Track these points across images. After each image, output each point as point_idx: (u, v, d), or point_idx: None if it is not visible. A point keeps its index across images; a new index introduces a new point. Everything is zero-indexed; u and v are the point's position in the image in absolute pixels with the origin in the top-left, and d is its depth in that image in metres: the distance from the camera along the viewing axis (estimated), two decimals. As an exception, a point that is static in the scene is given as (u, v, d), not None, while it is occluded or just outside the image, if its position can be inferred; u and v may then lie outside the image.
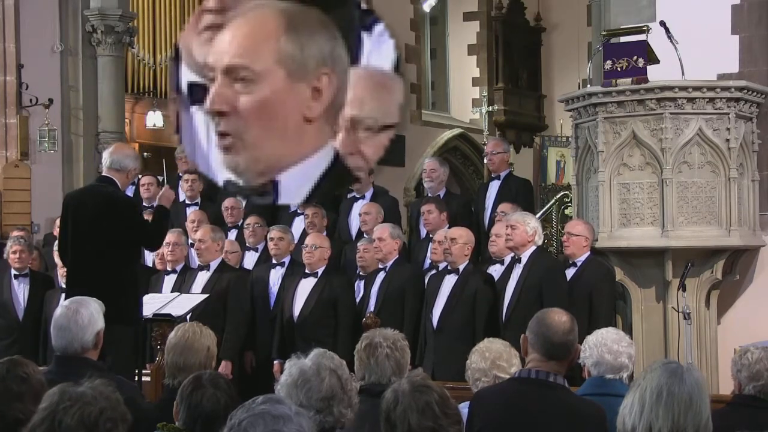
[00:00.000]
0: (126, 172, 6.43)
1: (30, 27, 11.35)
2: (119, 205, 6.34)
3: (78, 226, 6.32)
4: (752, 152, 7.26)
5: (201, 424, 3.53)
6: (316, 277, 7.61)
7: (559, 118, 18.84)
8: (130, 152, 6.69)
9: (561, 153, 18.69)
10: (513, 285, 6.88)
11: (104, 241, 6.19)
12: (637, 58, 6.98)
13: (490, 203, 8.41)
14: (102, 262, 6.17)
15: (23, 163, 11.25)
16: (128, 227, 6.26)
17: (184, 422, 3.56)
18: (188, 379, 3.67)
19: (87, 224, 6.26)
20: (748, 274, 7.54)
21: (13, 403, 3.50)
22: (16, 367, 3.62)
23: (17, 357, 3.77)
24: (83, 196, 6.60)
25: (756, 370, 4.34)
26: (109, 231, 6.19)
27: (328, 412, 3.25)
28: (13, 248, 8.23)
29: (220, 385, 3.62)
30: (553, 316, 3.96)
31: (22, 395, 3.49)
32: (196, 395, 3.55)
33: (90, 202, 6.36)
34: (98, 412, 2.68)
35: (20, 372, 3.59)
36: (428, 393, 3.13)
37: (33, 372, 3.62)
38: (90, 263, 6.21)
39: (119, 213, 6.27)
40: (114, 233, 6.19)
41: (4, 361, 3.71)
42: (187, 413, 3.55)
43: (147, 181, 9.58)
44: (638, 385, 2.77)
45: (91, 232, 6.24)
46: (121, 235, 6.21)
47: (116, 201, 6.33)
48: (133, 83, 15.93)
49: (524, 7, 19.83)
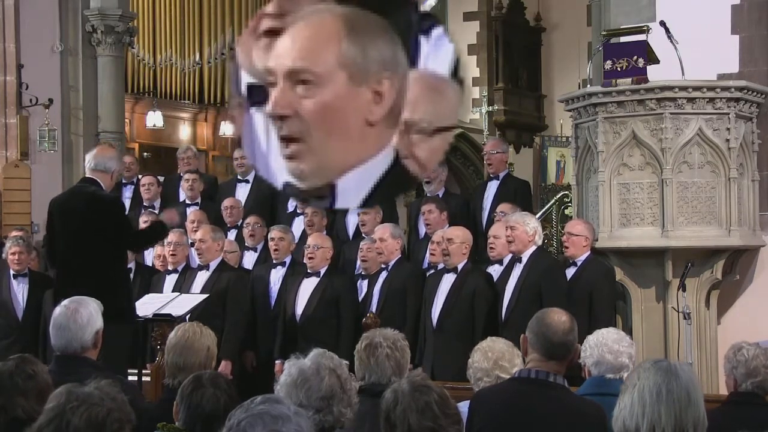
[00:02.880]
0: (109, 173, 6.58)
1: (30, 27, 11.34)
2: (104, 201, 6.47)
3: (65, 227, 6.42)
4: (752, 152, 7.26)
5: (201, 424, 3.53)
6: (318, 277, 7.62)
7: (559, 118, 18.85)
8: (112, 154, 6.84)
9: (561, 153, 18.70)
10: (512, 284, 6.88)
11: (93, 240, 6.28)
12: (637, 58, 6.97)
13: (488, 203, 8.40)
14: (92, 261, 6.24)
15: (23, 163, 11.25)
16: (114, 223, 6.38)
17: (184, 422, 3.56)
18: (188, 379, 3.68)
19: (74, 224, 6.36)
20: (748, 274, 7.54)
21: (16, 398, 3.55)
22: (25, 364, 3.69)
23: (27, 355, 3.85)
24: (68, 198, 6.72)
25: (753, 367, 4.35)
26: (97, 229, 6.29)
27: (328, 412, 3.25)
28: (12, 249, 8.22)
29: (220, 384, 3.63)
30: (552, 316, 3.96)
31: (26, 392, 3.52)
32: (196, 395, 3.56)
33: (75, 203, 6.48)
34: (106, 413, 2.70)
35: (28, 369, 3.65)
36: (428, 393, 3.13)
37: (40, 371, 3.68)
38: (80, 263, 6.29)
39: (105, 210, 6.39)
40: (101, 230, 6.29)
41: (14, 357, 3.78)
42: (187, 413, 3.55)
43: (147, 181, 9.58)
44: (633, 385, 2.77)
45: (79, 231, 6.34)
46: (108, 233, 6.32)
47: (101, 198, 6.45)
48: (133, 83, 15.94)
49: (524, 7, 19.84)
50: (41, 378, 3.60)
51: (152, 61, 16.45)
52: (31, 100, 11.27)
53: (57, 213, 6.55)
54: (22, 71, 11.31)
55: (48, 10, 11.59)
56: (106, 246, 6.32)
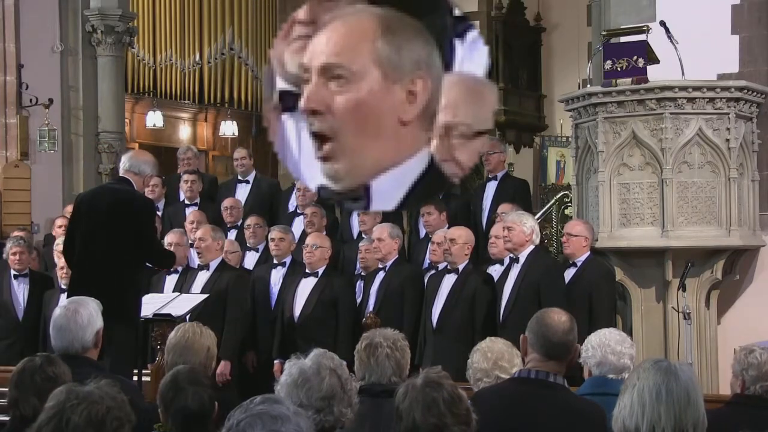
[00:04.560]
0: (143, 177, 6.61)
1: (30, 27, 11.35)
2: (139, 201, 6.49)
3: (91, 222, 6.38)
4: (752, 152, 7.26)
5: (192, 424, 3.53)
6: (316, 277, 7.61)
7: (559, 118, 18.82)
8: (149, 159, 6.84)
9: (561, 153, 18.68)
10: (511, 285, 6.88)
11: (116, 239, 6.24)
12: (637, 58, 6.97)
13: (488, 204, 8.41)
14: (110, 259, 6.21)
15: (23, 163, 11.26)
16: (141, 225, 6.36)
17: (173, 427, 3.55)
18: (164, 383, 3.62)
19: (101, 220, 6.32)
20: (748, 274, 7.54)
21: (31, 397, 3.58)
22: (50, 365, 3.75)
23: (54, 356, 3.91)
24: (98, 194, 6.70)
25: (765, 370, 4.33)
26: (124, 228, 6.25)
27: (329, 412, 3.24)
28: (12, 249, 8.23)
29: (198, 380, 3.60)
30: (552, 316, 3.96)
31: (42, 393, 3.52)
32: (179, 399, 3.53)
33: (106, 199, 6.46)
34: (105, 411, 2.71)
35: (50, 371, 3.71)
36: (438, 390, 3.13)
37: (61, 374, 3.72)
38: (99, 260, 6.25)
39: (136, 209, 6.39)
40: (127, 230, 6.26)
41: (42, 355, 3.85)
42: (173, 421, 3.53)
43: (152, 182, 9.55)
44: (633, 385, 2.77)
45: (104, 229, 6.29)
46: (132, 232, 6.28)
47: (134, 198, 6.46)
48: (133, 83, 15.94)
49: (524, 7, 19.81)
50: (60, 382, 3.57)
51: (152, 61, 16.45)
52: (31, 100, 11.28)
53: (84, 209, 6.48)
54: (22, 71, 11.31)
55: (48, 10, 11.60)
56: (127, 247, 6.26)
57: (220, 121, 17.32)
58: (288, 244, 8.00)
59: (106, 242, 6.26)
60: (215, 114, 17.43)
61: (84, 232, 6.41)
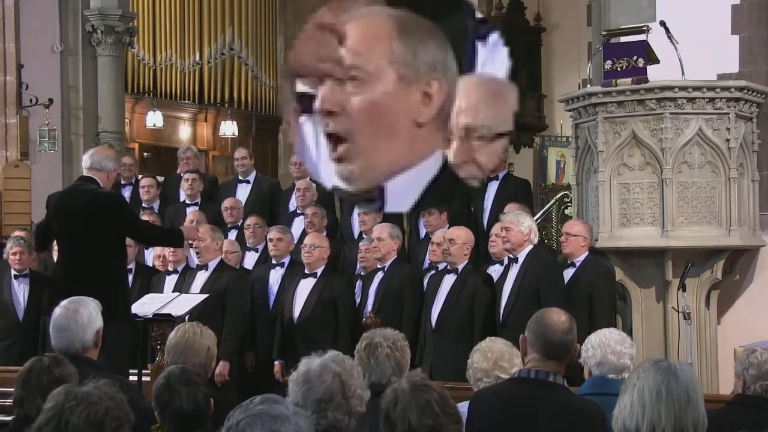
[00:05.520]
0: (106, 172, 6.60)
1: (30, 27, 11.36)
2: (105, 198, 6.50)
3: (65, 226, 6.43)
4: (752, 152, 7.26)
5: (190, 424, 3.52)
6: (315, 278, 7.60)
7: (559, 118, 18.83)
8: (110, 154, 6.90)
9: (561, 153, 18.68)
10: (510, 285, 6.87)
11: (93, 237, 6.30)
12: (637, 58, 6.97)
13: (489, 204, 8.40)
14: (92, 259, 6.27)
15: (23, 163, 11.26)
16: (119, 217, 6.42)
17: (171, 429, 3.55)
18: (158, 385, 3.61)
19: (74, 223, 6.37)
20: (748, 274, 7.54)
21: (36, 398, 3.58)
22: (57, 366, 3.74)
23: (62, 357, 3.88)
24: (66, 196, 6.72)
25: (765, 370, 4.34)
26: (98, 226, 6.31)
27: (322, 416, 3.18)
28: (12, 249, 8.22)
29: (191, 380, 3.59)
30: (552, 316, 3.96)
31: (46, 395, 3.51)
32: (174, 400, 3.52)
33: (75, 201, 6.49)
34: (104, 412, 2.71)
35: (56, 373, 3.70)
36: (428, 392, 3.13)
37: (68, 376, 3.71)
38: (80, 261, 6.31)
39: (107, 206, 6.42)
40: (103, 228, 6.32)
41: (50, 355, 3.85)
42: (171, 423, 3.53)
43: (147, 183, 9.58)
44: (633, 385, 2.77)
45: (79, 230, 6.35)
46: (112, 229, 6.36)
47: (102, 195, 6.47)
48: (133, 83, 15.95)
49: (524, 7, 19.81)
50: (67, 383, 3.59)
51: (152, 61, 16.46)
52: (31, 100, 11.29)
53: (54, 211, 6.55)
54: (22, 71, 11.33)
55: (48, 10, 11.61)
56: (107, 245, 6.34)
57: (220, 121, 17.32)
58: (286, 244, 8.00)
59: (84, 243, 6.33)
60: (215, 114, 17.43)
61: (60, 234, 6.52)
